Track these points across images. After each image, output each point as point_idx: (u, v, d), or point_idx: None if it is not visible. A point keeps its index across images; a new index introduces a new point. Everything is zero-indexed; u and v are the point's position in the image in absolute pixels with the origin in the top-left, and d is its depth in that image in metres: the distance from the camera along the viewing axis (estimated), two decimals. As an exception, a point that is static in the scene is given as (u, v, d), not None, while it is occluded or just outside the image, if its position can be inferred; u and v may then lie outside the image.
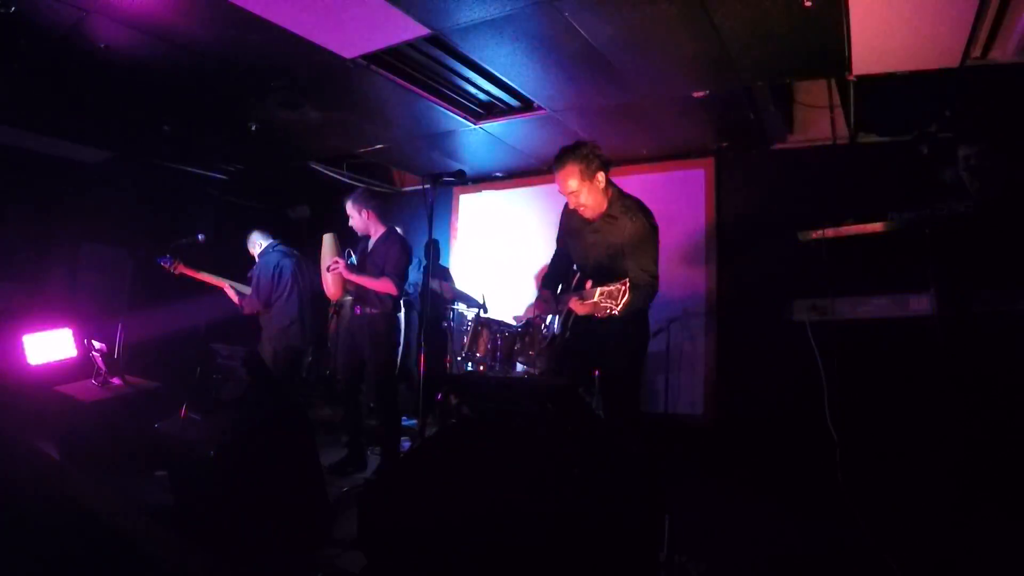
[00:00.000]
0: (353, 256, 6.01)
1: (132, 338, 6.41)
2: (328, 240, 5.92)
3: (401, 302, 6.10)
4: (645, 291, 4.12)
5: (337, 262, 5.71)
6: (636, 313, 4.35)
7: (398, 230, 6.17)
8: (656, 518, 3.62)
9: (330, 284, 5.87)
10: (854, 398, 4.31)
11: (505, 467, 2.87)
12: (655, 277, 4.21)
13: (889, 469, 4.45)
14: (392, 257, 5.82)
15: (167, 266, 7.01)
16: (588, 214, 4.36)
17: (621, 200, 4.43)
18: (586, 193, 4.29)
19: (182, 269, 7.02)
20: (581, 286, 4.39)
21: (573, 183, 4.29)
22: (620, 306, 3.74)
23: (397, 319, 6.05)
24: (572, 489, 2.72)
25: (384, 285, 5.74)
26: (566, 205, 4.60)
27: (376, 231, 6.04)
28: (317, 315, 7.24)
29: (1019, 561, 3.40)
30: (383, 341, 5.87)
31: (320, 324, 7.56)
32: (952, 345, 3.70)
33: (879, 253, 4.34)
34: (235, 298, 7.15)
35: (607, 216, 4.36)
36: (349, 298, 6.31)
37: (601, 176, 4.30)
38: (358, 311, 5.90)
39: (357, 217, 5.98)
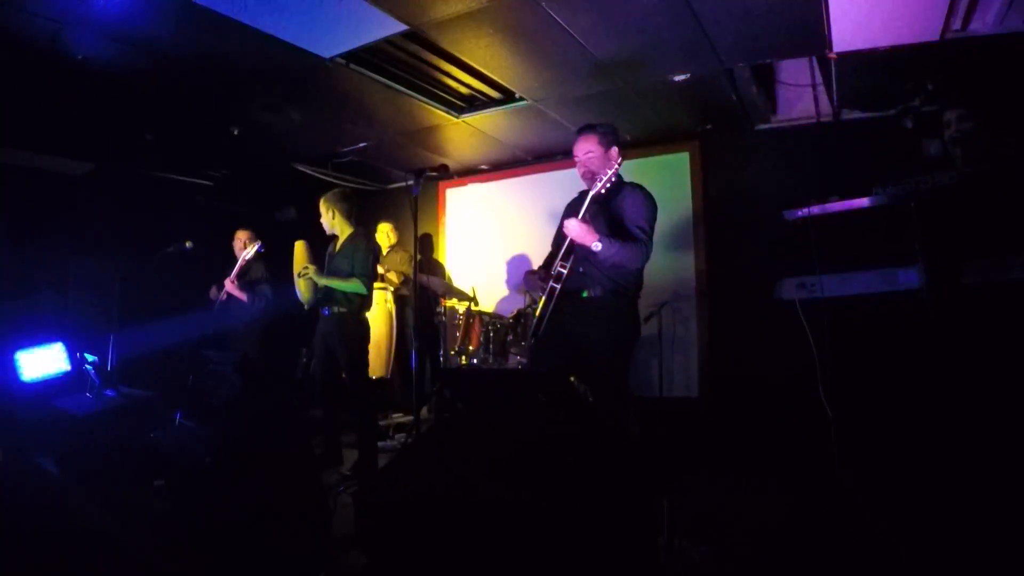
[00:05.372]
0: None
1: (125, 348, 6.39)
2: (300, 247, 5.96)
3: (371, 300, 6.13)
4: (635, 247, 4.23)
5: (307, 267, 5.78)
6: (624, 302, 4.38)
7: (365, 231, 6.19)
8: (654, 503, 3.63)
9: (302, 289, 5.92)
10: (847, 374, 4.32)
11: (499, 460, 2.87)
12: (648, 236, 4.32)
13: (885, 444, 4.46)
14: (359, 258, 5.88)
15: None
16: (593, 183, 4.39)
17: (624, 180, 4.55)
18: (598, 160, 4.42)
19: None
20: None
21: (590, 145, 4.47)
22: (608, 241, 4.09)
23: (366, 317, 6.07)
24: (567, 479, 2.73)
25: (354, 287, 5.81)
26: (571, 202, 4.65)
27: (343, 232, 6.09)
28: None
29: (1018, 531, 3.41)
30: (353, 339, 5.92)
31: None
32: (942, 317, 3.71)
33: (866, 229, 4.34)
34: None
35: (610, 190, 4.39)
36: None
37: (615, 151, 4.47)
38: (327, 312, 5.92)
39: (326, 215, 6.07)
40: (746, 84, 6.25)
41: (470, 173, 9.45)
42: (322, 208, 6.06)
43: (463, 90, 6.48)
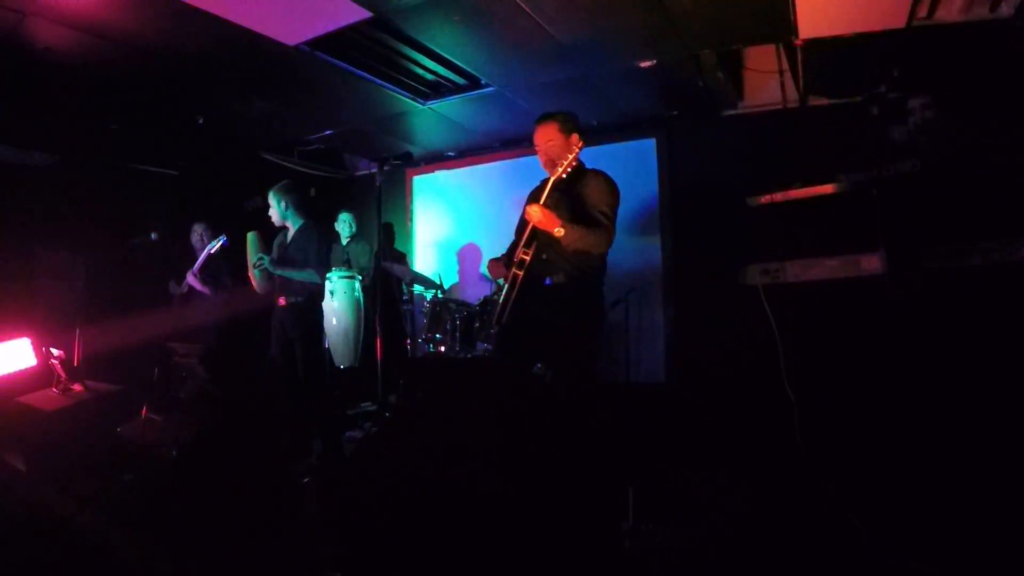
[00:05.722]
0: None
1: (91, 342, 6.34)
2: (252, 238, 5.98)
3: (326, 290, 6.16)
4: (598, 232, 4.24)
5: (261, 258, 5.81)
6: (588, 287, 4.38)
7: (316, 222, 6.21)
8: (618, 488, 3.64)
9: (257, 280, 5.94)
10: (810, 359, 4.34)
11: (462, 448, 2.88)
12: (610, 220, 4.32)
13: (847, 428, 4.49)
14: (312, 248, 5.94)
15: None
16: (555, 170, 4.37)
17: (586, 166, 4.57)
18: (559, 147, 4.40)
19: None
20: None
21: (551, 133, 4.48)
22: (571, 227, 4.08)
23: (321, 307, 6.12)
24: (530, 466, 2.73)
25: (307, 275, 5.86)
26: (533, 189, 4.64)
27: (295, 223, 6.10)
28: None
29: (979, 512, 3.46)
30: (310, 329, 5.96)
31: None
32: (904, 302, 3.74)
33: (830, 215, 4.38)
34: None
35: (572, 176, 4.40)
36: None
37: (576, 137, 4.43)
38: (283, 302, 5.93)
39: (277, 207, 6.06)
40: (712, 70, 6.26)
41: (437, 160, 9.43)
42: (272, 200, 6.04)
43: (429, 77, 6.46)
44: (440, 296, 7.14)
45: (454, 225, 9.28)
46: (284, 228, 6.14)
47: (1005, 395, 3.75)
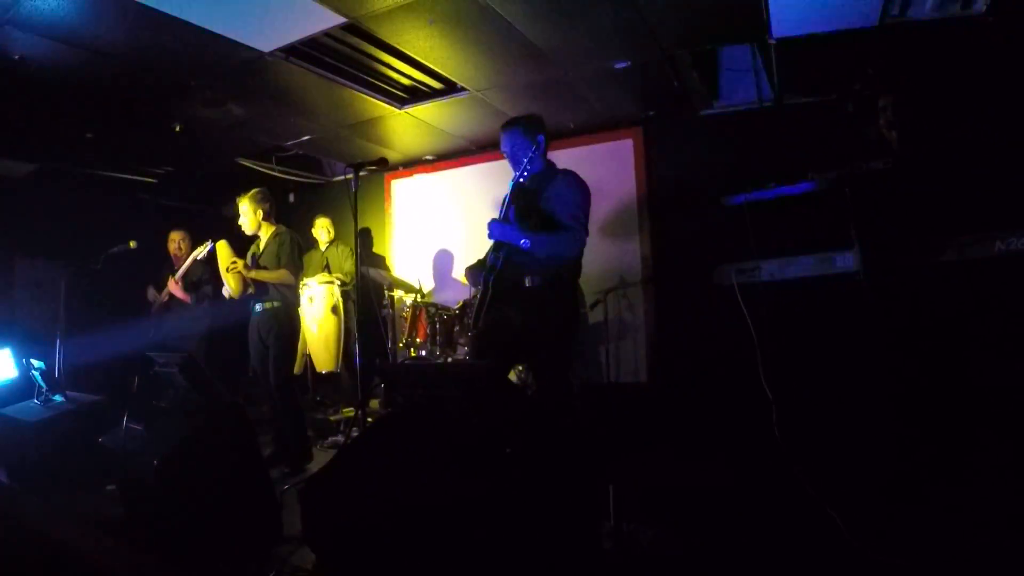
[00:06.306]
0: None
1: (72, 352, 6.32)
2: (223, 246, 6.02)
3: (305, 296, 6.17)
4: (568, 235, 4.23)
5: (235, 262, 5.85)
6: (563, 289, 4.38)
7: (287, 228, 6.27)
8: (598, 489, 3.65)
9: (231, 284, 5.97)
10: (787, 357, 4.36)
11: (439, 453, 2.88)
12: (581, 224, 4.29)
13: (824, 425, 4.52)
14: (284, 252, 5.99)
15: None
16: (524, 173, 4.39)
17: (556, 167, 4.57)
18: (524, 151, 4.38)
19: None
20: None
21: (515, 139, 4.48)
22: (536, 237, 4.09)
23: (296, 312, 6.16)
24: (505, 469, 2.74)
25: (282, 276, 5.91)
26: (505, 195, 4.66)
27: (267, 231, 6.14)
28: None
29: (957, 506, 3.49)
30: (284, 335, 5.97)
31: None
32: (878, 299, 3.77)
33: (804, 213, 4.40)
34: None
35: (542, 178, 4.42)
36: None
37: (542, 138, 4.44)
38: (259, 308, 5.97)
39: (251, 216, 6.06)
40: (687, 70, 6.27)
41: (416, 164, 9.41)
42: (248, 207, 6.05)
43: (405, 81, 6.47)
44: (420, 300, 7.14)
45: (433, 229, 9.24)
46: (255, 238, 6.15)
47: (981, 389, 3.79)
